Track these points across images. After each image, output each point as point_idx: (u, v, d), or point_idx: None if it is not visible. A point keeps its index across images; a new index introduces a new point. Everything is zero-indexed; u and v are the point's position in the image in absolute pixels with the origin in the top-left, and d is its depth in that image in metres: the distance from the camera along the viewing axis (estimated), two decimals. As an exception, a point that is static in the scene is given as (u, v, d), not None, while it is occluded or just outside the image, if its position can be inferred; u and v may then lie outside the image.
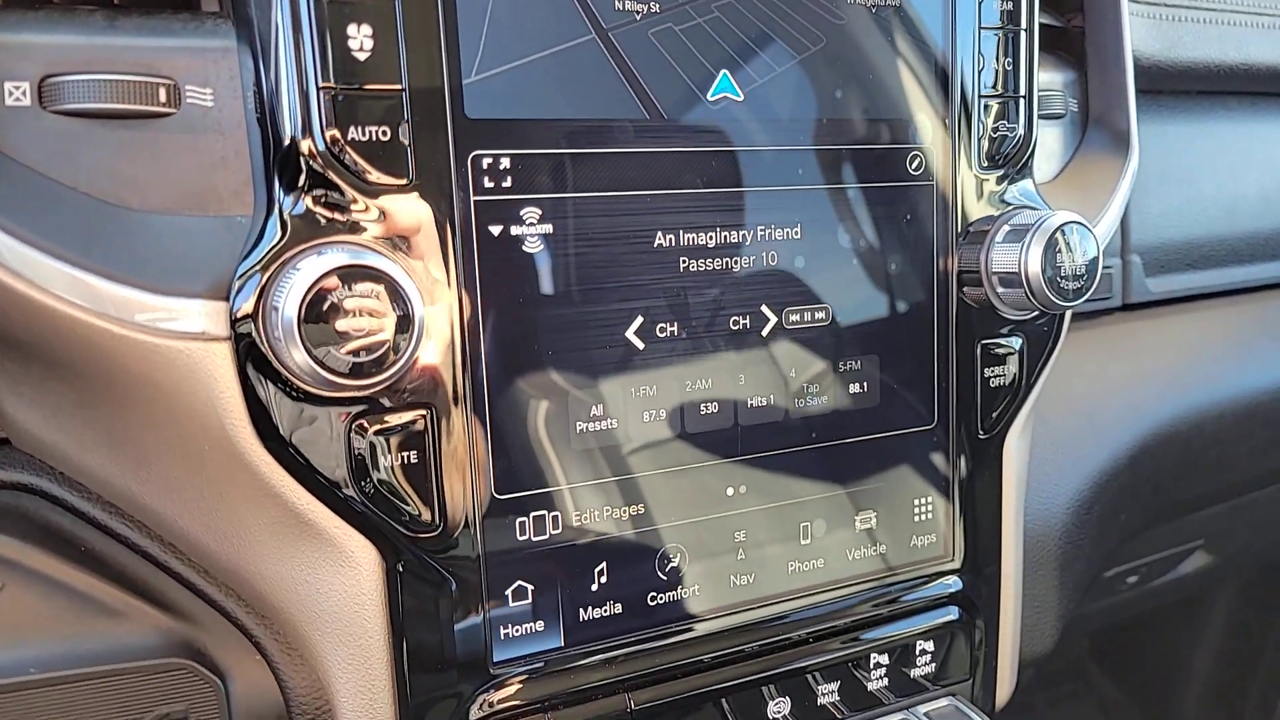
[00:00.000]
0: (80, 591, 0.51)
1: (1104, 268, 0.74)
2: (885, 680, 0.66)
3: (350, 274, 0.46)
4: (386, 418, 0.50)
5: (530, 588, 0.55)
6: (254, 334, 0.46)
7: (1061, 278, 0.62)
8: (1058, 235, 0.61)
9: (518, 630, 0.55)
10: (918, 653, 0.67)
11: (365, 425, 0.50)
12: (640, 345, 0.56)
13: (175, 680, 0.51)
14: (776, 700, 0.63)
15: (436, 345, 0.50)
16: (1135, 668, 2.08)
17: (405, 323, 0.47)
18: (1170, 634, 1.96)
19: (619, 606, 0.58)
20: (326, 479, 0.50)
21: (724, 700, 0.61)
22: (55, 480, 0.54)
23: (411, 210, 0.49)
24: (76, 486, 0.54)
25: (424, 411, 0.51)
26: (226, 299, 0.46)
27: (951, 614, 0.68)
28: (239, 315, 0.46)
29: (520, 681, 0.55)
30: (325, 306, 0.45)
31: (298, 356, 0.45)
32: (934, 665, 0.68)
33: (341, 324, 0.46)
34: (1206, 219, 0.87)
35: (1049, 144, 0.74)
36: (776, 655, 0.62)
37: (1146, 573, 1.09)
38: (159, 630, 0.52)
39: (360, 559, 0.52)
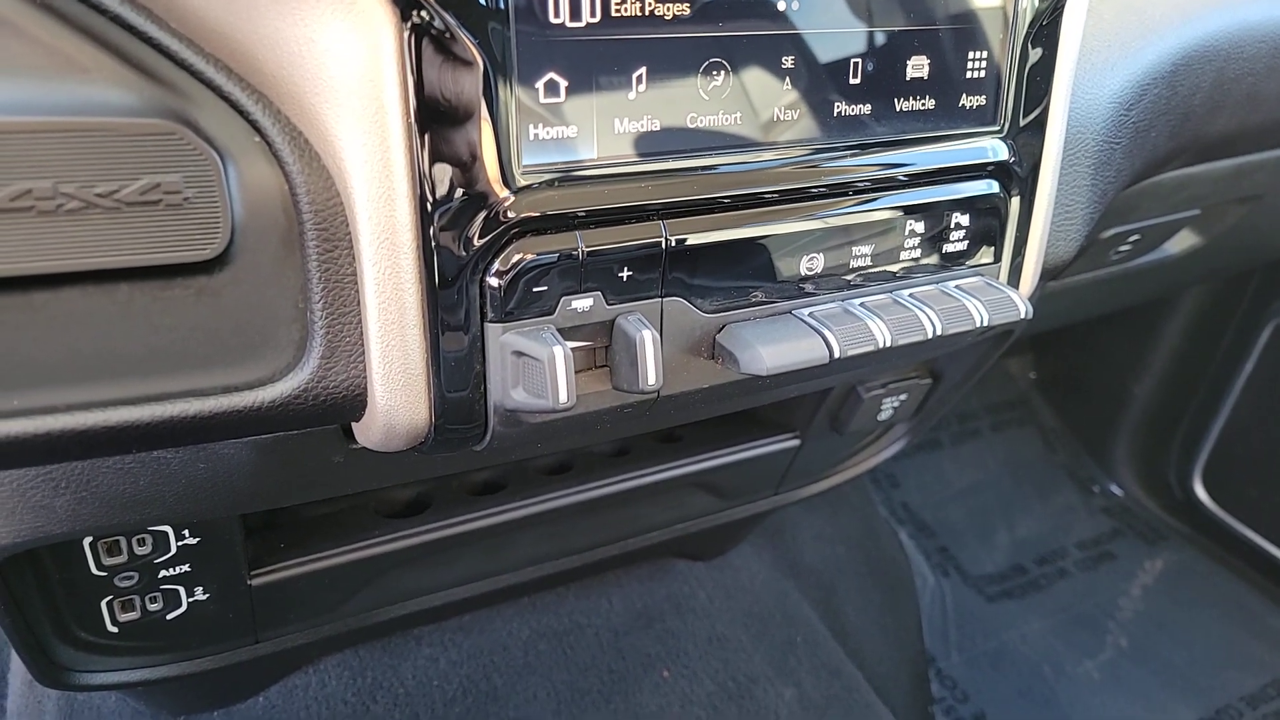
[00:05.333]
0: (41, 40, 0.43)
1: None
2: (917, 251, 0.63)
3: None
4: None
5: (563, 83, 0.49)
6: None
7: None
8: None
9: (548, 132, 0.50)
10: (952, 225, 0.64)
11: None
12: None
13: (166, 147, 0.44)
14: (811, 256, 0.59)
15: None
16: (1076, 397, 2.17)
17: None
18: (1116, 358, 2.03)
19: (657, 122, 0.52)
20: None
21: (760, 243, 0.57)
22: (-4, -73, 0.45)
23: None
24: (24, -65, 0.45)
25: None
26: None
27: (992, 186, 0.64)
28: None
29: (548, 190, 0.50)
30: None
31: None
32: (966, 242, 0.65)
33: None
34: None
35: None
36: (815, 204, 0.58)
37: (1139, 241, 1.08)
38: (138, 91, 0.44)
39: (374, 15, 0.44)
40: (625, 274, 0.53)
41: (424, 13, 0.45)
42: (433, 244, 0.48)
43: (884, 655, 1.52)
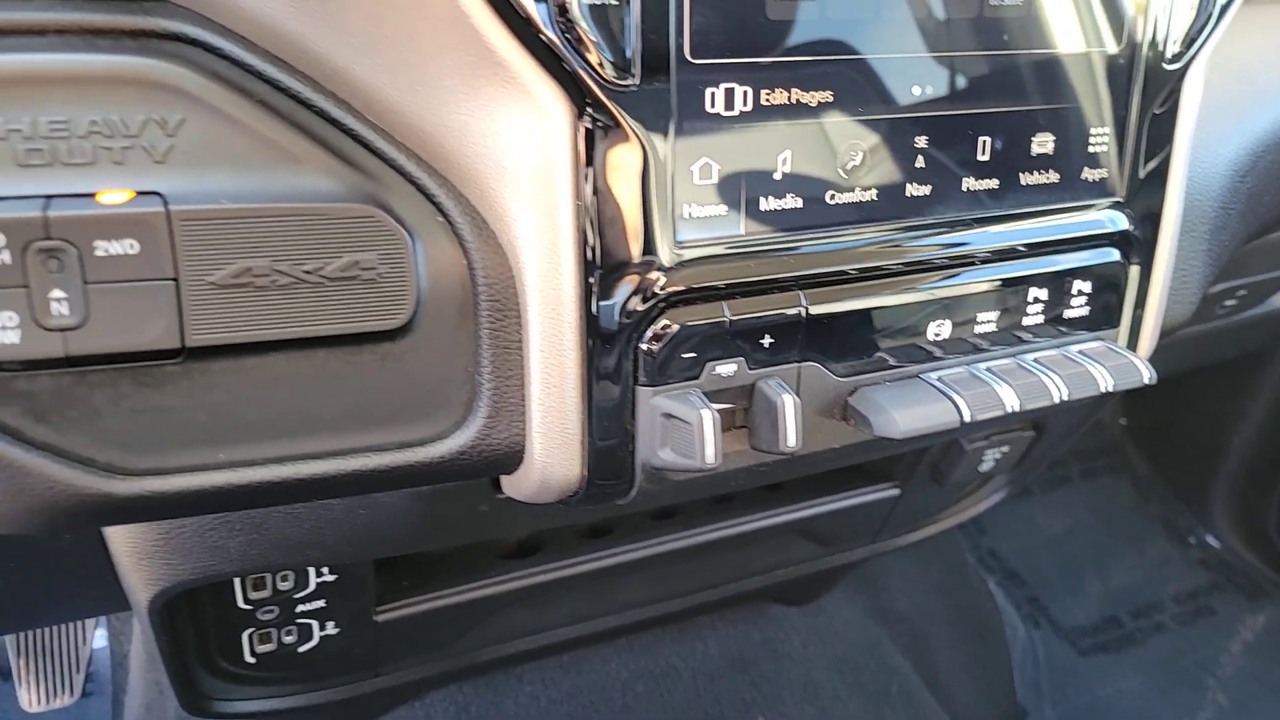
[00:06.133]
0: (260, 133, 0.49)
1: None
2: (1039, 317, 0.65)
3: None
4: (589, -56, 0.46)
5: (716, 166, 0.53)
6: None
7: None
8: None
9: (701, 211, 0.53)
10: (1073, 292, 0.66)
11: (567, -49, 0.46)
12: (844, -94, 0.52)
13: (364, 228, 0.49)
14: (938, 322, 0.62)
15: None
16: (1170, 445, 2.13)
17: None
18: (1214, 407, 1.99)
19: (799, 200, 0.56)
20: (526, 13, 0.47)
21: (891, 312, 0.59)
22: (216, 32, 0.51)
23: None
24: (240, 39, 0.51)
25: None
26: None
27: (1112, 254, 0.66)
28: None
29: (698, 265, 0.54)
30: None
31: None
32: (1087, 308, 0.67)
33: None
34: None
35: None
36: (942, 273, 0.61)
37: (1246, 296, 1.07)
38: (341, 179, 0.50)
39: (551, 111, 0.49)
40: (766, 341, 0.56)
41: (596, 108, 0.49)
42: (593, 314, 0.52)
43: (977, 707, 1.51)
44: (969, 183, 0.60)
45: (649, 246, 0.52)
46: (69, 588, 0.77)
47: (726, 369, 0.56)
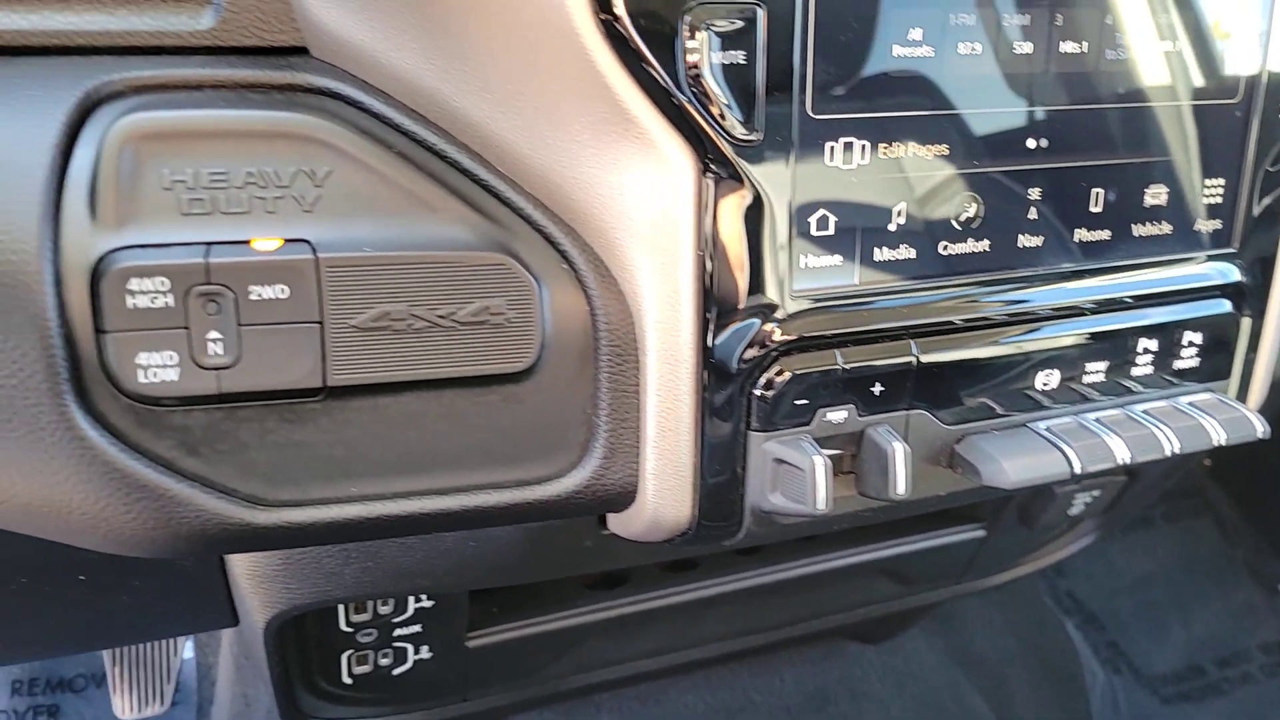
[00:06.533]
0: (398, 183, 0.51)
1: None
2: (1149, 368, 0.65)
3: None
4: (721, 9, 0.48)
5: (833, 218, 0.54)
6: None
7: None
8: None
9: (816, 261, 0.55)
10: (1184, 343, 0.65)
11: (700, 16, 0.48)
12: (965, -33, 0.53)
13: (495, 275, 0.51)
14: (1047, 372, 0.62)
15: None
16: (1257, 488, 2.06)
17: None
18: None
19: (913, 251, 0.57)
20: (656, 73, 0.48)
21: (1000, 361, 0.60)
22: (358, 86, 0.54)
23: None
24: (379, 93, 0.54)
25: (759, 5, 0.49)
26: None
27: (1224, 306, 0.65)
28: None
29: (814, 314, 0.55)
30: None
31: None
32: (1197, 360, 0.66)
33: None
34: None
35: None
36: (1052, 323, 0.61)
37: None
38: (474, 228, 0.52)
39: (676, 165, 0.51)
40: (877, 388, 0.57)
41: (719, 162, 0.51)
42: (710, 361, 0.54)
43: (1057, 754, 1.47)
44: (1081, 234, 0.61)
45: (766, 295, 0.53)
46: (183, 606, 0.81)
47: (837, 415, 0.56)
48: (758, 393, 0.55)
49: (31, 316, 0.45)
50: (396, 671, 0.91)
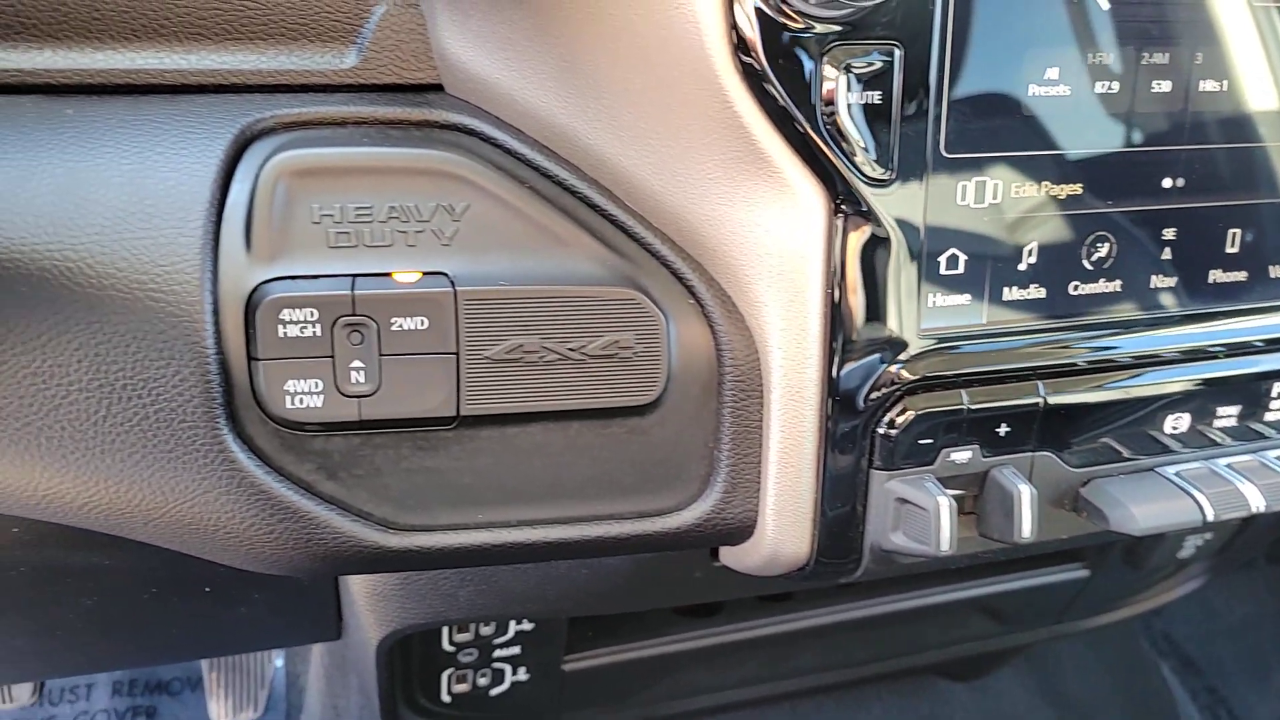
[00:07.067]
0: (531, 218, 0.52)
1: None
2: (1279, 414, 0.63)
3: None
4: (860, 50, 0.48)
5: (963, 257, 0.54)
6: None
7: None
8: None
9: (945, 300, 0.54)
10: (1319, 389, 0.63)
11: (839, 56, 0.48)
12: (1105, 5, 0.52)
13: (624, 309, 0.52)
14: (1177, 415, 0.60)
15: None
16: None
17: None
18: None
19: (1042, 291, 0.56)
20: (793, 112, 0.49)
21: (1128, 404, 0.58)
22: (491, 123, 0.55)
23: None
24: (513, 130, 0.55)
25: (897, 46, 0.49)
26: None
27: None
28: None
29: (941, 353, 0.54)
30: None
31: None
32: (1333, 405, 0.64)
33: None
34: None
35: None
36: (1184, 365, 0.59)
37: None
38: (605, 263, 0.53)
39: (808, 202, 0.51)
40: (1003, 429, 0.56)
41: (850, 201, 0.51)
42: (835, 398, 0.53)
43: (1153, 804, 1.42)
44: (1216, 275, 0.59)
45: (893, 333, 0.53)
46: (294, 619, 0.83)
47: (961, 456, 0.56)
48: (882, 431, 0.54)
49: (191, 344, 0.47)
50: (494, 692, 0.92)
